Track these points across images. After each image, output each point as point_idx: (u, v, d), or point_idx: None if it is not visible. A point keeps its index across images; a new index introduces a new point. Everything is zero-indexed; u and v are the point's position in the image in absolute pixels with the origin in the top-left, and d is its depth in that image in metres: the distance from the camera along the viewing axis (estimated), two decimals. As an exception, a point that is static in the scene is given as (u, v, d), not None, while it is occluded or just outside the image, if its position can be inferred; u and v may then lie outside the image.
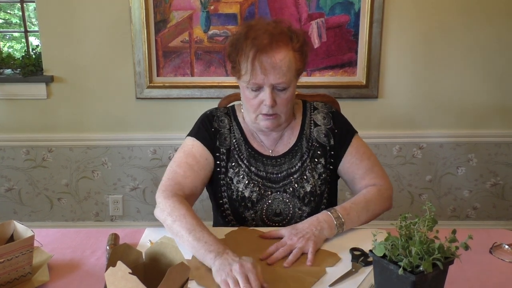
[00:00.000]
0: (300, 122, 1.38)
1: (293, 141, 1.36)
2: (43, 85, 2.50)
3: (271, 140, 1.36)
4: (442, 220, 2.71)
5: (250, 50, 1.21)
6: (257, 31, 1.22)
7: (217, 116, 1.38)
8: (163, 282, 0.71)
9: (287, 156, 1.34)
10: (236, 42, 1.26)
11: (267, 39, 1.20)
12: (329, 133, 1.36)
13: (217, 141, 1.34)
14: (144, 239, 1.19)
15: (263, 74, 1.20)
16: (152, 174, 2.64)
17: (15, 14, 2.94)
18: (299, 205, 1.31)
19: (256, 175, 1.32)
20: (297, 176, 1.32)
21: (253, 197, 1.31)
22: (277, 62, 1.20)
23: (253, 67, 1.20)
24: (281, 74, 1.21)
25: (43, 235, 1.20)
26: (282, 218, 1.32)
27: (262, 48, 1.19)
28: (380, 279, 0.89)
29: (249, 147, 1.35)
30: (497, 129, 2.59)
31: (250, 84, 1.23)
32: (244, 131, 1.37)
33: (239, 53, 1.24)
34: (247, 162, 1.33)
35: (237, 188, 1.31)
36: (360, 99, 2.52)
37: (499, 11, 2.43)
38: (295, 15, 2.41)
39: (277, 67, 1.20)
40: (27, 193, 2.68)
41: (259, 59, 1.20)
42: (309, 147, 1.35)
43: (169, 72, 2.49)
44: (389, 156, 2.62)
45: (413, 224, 0.87)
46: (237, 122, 1.38)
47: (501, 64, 2.50)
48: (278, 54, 1.20)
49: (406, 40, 2.46)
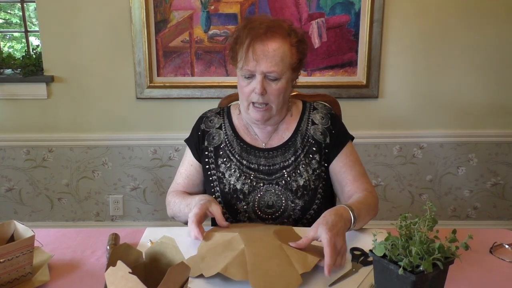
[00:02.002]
0: (297, 119, 1.41)
1: (288, 136, 1.39)
2: (43, 85, 2.50)
3: (265, 133, 1.40)
4: (443, 220, 2.71)
5: (246, 38, 1.26)
6: (255, 22, 1.29)
7: (207, 117, 1.46)
8: (163, 282, 0.71)
9: (280, 150, 1.37)
10: (236, 33, 1.32)
11: (263, 29, 1.25)
12: (326, 132, 1.38)
13: (205, 142, 1.42)
14: (144, 239, 1.20)
15: (255, 60, 1.25)
16: (152, 174, 2.64)
17: (15, 14, 2.94)
18: (292, 198, 1.33)
19: (248, 168, 1.36)
20: (290, 170, 1.34)
21: (244, 189, 1.34)
22: (270, 51, 1.24)
23: (247, 53, 1.25)
24: (273, 63, 1.25)
25: (44, 235, 1.20)
26: (274, 210, 1.34)
27: (257, 36, 1.25)
28: (380, 279, 0.89)
29: (241, 141, 1.39)
30: (497, 129, 2.59)
31: (243, 71, 1.28)
32: (236, 128, 1.41)
33: (238, 42, 1.30)
34: (238, 156, 1.37)
35: (229, 181, 1.35)
36: (360, 99, 2.52)
37: (499, 11, 2.43)
38: (295, 15, 2.41)
39: (270, 56, 1.24)
40: (28, 193, 2.68)
41: (253, 46, 1.25)
42: (304, 143, 1.37)
43: (169, 72, 2.49)
44: (390, 156, 2.62)
45: (413, 224, 0.87)
46: (230, 120, 1.43)
47: (501, 64, 2.50)
48: (273, 44, 1.25)
49: (407, 40, 2.46)
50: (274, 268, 0.98)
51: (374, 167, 2.63)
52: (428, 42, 2.46)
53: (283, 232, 1.16)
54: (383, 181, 2.66)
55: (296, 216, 1.33)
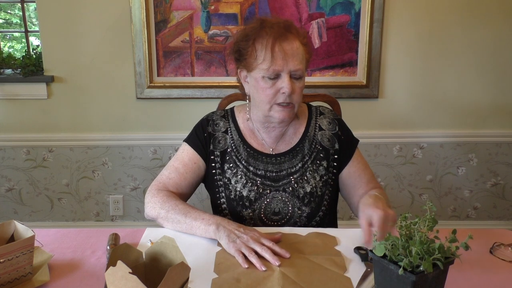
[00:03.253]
0: (304, 124, 1.39)
1: (296, 141, 1.36)
2: (43, 85, 2.50)
3: (273, 138, 1.37)
4: (443, 220, 2.71)
5: (269, 37, 1.23)
6: (271, 21, 1.26)
7: (212, 120, 1.40)
8: (163, 282, 0.71)
9: (288, 155, 1.35)
10: (250, 33, 1.27)
11: (282, 29, 1.24)
12: (333, 138, 1.37)
13: (211, 145, 1.37)
14: (144, 239, 1.19)
15: (283, 59, 1.22)
16: (152, 174, 2.64)
17: (15, 14, 2.94)
18: (299, 204, 1.31)
19: (255, 174, 1.33)
20: (297, 176, 1.32)
21: (251, 196, 1.31)
22: (295, 49, 1.23)
23: (273, 53, 1.22)
24: (299, 61, 1.24)
25: (44, 235, 1.20)
26: (281, 217, 1.32)
27: (280, 35, 1.23)
28: (380, 279, 0.89)
29: (248, 147, 1.36)
30: (497, 129, 2.59)
31: (269, 72, 1.23)
32: (242, 132, 1.38)
33: (256, 41, 1.25)
34: (245, 162, 1.34)
35: (235, 188, 1.32)
36: (360, 99, 2.52)
37: (499, 11, 2.43)
38: (295, 15, 2.41)
39: (295, 54, 1.23)
40: (28, 193, 2.68)
41: (280, 45, 1.22)
42: (311, 149, 1.35)
43: (169, 72, 2.49)
44: (390, 156, 2.62)
45: (413, 224, 0.87)
46: (236, 123, 1.39)
47: (501, 64, 2.50)
48: (294, 42, 1.24)
49: (407, 40, 2.46)
50: (320, 278, 0.99)
51: (374, 167, 2.62)
52: (428, 42, 2.46)
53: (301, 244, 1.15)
54: (383, 181, 2.66)
55: (302, 223, 1.32)
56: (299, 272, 1.00)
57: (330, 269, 1.02)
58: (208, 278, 0.99)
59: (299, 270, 1.01)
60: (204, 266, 1.05)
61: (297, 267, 1.03)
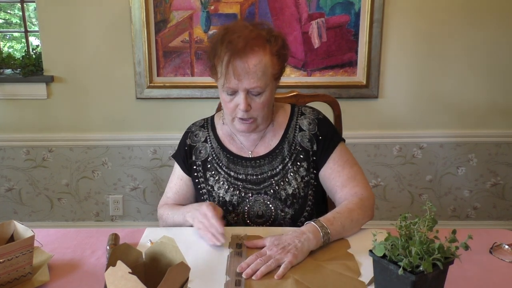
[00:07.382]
0: (284, 126, 1.37)
1: (275, 143, 1.35)
2: (43, 85, 2.50)
3: (250, 141, 1.37)
4: (442, 220, 2.71)
5: (225, 54, 1.21)
6: (232, 35, 1.21)
7: (191, 132, 1.44)
8: (163, 282, 0.71)
9: (267, 158, 1.34)
10: (213, 46, 1.26)
11: (242, 43, 1.19)
12: (312, 139, 1.34)
13: (192, 156, 1.40)
14: (144, 239, 1.20)
15: (236, 79, 1.20)
16: (152, 174, 2.64)
17: (15, 14, 2.94)
18: (281, 206, 1.31)
19: (236, 179, 1.34)
20: (278, 178, 1.32)
21: (233, 200, 1.32)
22: (251, 67, 1.19)
23: (227, 71, 1.20)
24: (256, 79, 1.20)
25: (43, 235, 1.20)
26: (265, 220, 1.32)
27: (236, 52, 1.19)
28: (380, 279, 0.89)
29: (228, 153, 1.36)
30: (497, 129, 2.59)
31: (224, 88, 1.24)
32: (221, 139, 1.39)
33: (215, 57, 1.24)
34: (226, 168, 1.35)
35: (218, 194, 1.34)
36: (360, 99, 2.52)
37: (499, 11, 2.43)
38: (295, 15, 2.41)
39: (251, 72, 1.20)
40: (27, 193, 2.68)
41: (233, 63, 1.19)
42: (291, 150, 1.34)
43: (169, 72, 2.49)
44: (389, 156, 2.62)
45: (413, 224, 0.87)
46: (214, 131, 1.41)
47: (501, 64, 2.51)
48: (253, 59, 1.19)
49: (406, 40, 2.46)
50: (334, 283, 0.98)
51: (374, 167, 2.63)
52: (428, 42, 2.46)
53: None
54: (383, 181, 2.66)
55: (287, 224, 1.31)
56: (313, 278, 1.00)
57: (344, 273, 1.02)
58: (208, 279, 0.99)
59: (313, 276, 1.01)
60: (209, 267, 1.05)
61: (311, 274, 1.03)
